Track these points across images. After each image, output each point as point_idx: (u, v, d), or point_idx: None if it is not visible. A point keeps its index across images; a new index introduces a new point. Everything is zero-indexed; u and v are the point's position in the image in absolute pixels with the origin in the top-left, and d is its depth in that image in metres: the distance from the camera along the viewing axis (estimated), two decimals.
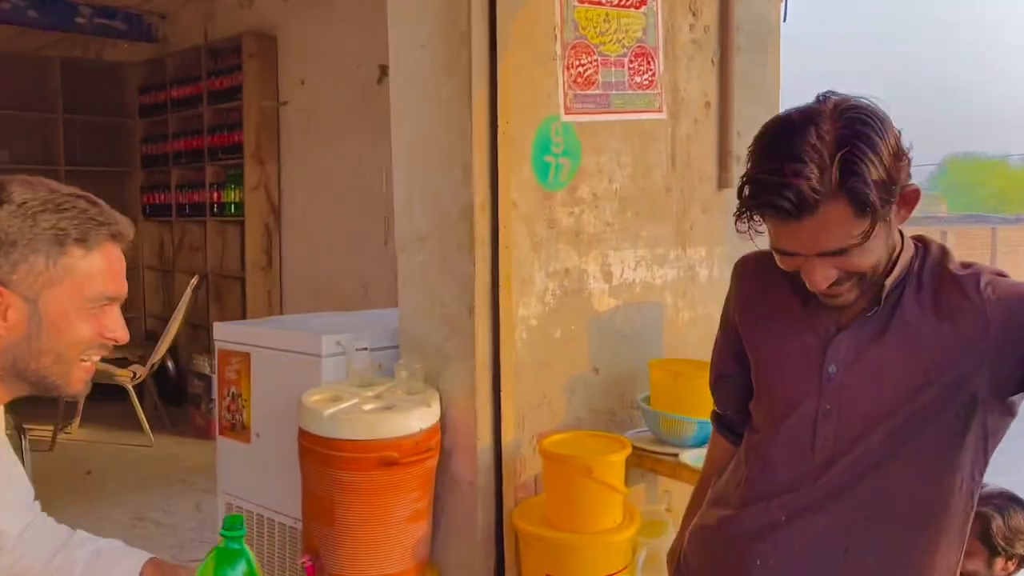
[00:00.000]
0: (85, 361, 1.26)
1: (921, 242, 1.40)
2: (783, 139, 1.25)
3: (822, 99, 1.28)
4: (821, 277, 1.28)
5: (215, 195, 6.68)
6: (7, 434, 1.38)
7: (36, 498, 1.48)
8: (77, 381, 1.27)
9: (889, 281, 1.34)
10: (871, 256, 1.27)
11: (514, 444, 2.88)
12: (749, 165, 1.31)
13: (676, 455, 2.78)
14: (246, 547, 1.33)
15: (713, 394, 1.76)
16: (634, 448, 2.79)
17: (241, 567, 1.30)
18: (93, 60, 7.76)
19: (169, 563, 1.48)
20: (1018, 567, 2.26)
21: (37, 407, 6.36)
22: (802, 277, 1.32)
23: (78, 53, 7.76)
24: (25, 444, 4.40)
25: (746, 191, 1.29)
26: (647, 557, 2.85)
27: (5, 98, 7.07)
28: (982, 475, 1.38)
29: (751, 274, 1.57)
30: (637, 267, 3.25)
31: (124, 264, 1.29)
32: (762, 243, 1.42)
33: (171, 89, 7.02)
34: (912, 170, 1.29)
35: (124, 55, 7.59)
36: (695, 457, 2.64)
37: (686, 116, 3.41)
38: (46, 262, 1.17)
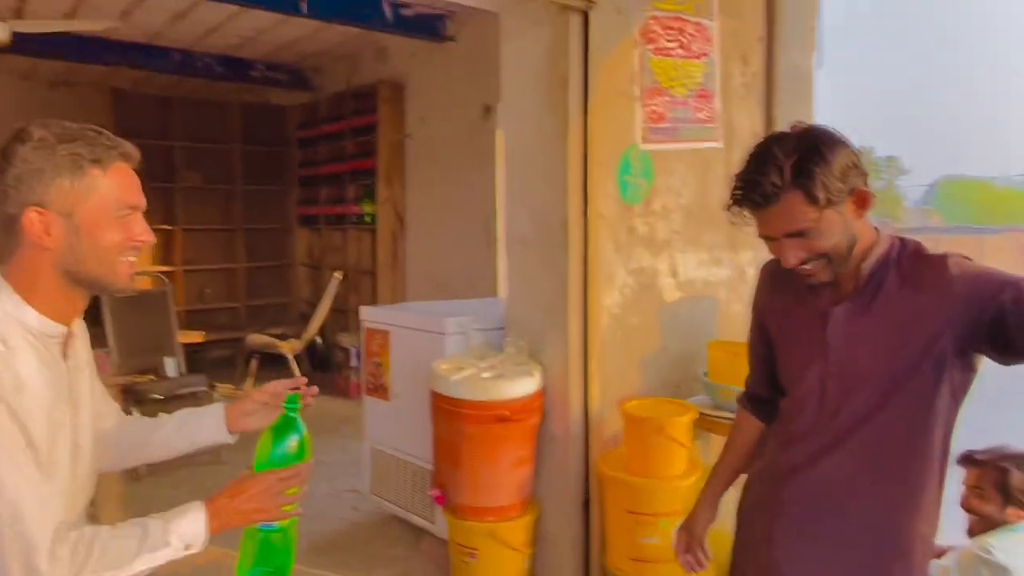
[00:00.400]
0: (124, 260, 1.19)
1: (899, 238, 1.42)
2: (757, 154, 1.36)
3: (793, 126, 1.38)
4: (791, 255, 1.34)
5: (354, 208, 6.74)
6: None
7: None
8: (123, 276, 1.20)
9: (865, 265, 1.37)
10: (828, 239, 1.32)
11: (599, 407, 2.87)
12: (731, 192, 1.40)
13: (730, 418, 2.74)
14: (301, 421, 1.31)
15: (751, 371, 1.70)
16: (698, 413, 2.75)
17: (295, 436, 1.29)
18: (263, 103, 7.91)
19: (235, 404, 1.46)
20: None
21: (221, 371, 6.62)
22: (779, 257, 1.37)
23: (251, 98, 7.93)
24: (217, 397, 4.54)
25: (733, 195, 1.38)
26: None
27: (198, 133, 7.30)
28: (954, 422, 1.38)
29: (772, 274, 1.57)
30: (698, 267, 3.20)
31: (137, 179, 1.22)
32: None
33: (322, 126, 7.10)
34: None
35: (286, 99, 7.73)
36: None
37: (738, 145, 3.34)
38: (71, 183, 1.13)
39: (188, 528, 1.17)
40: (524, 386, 2.75)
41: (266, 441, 1.29)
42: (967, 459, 2.23)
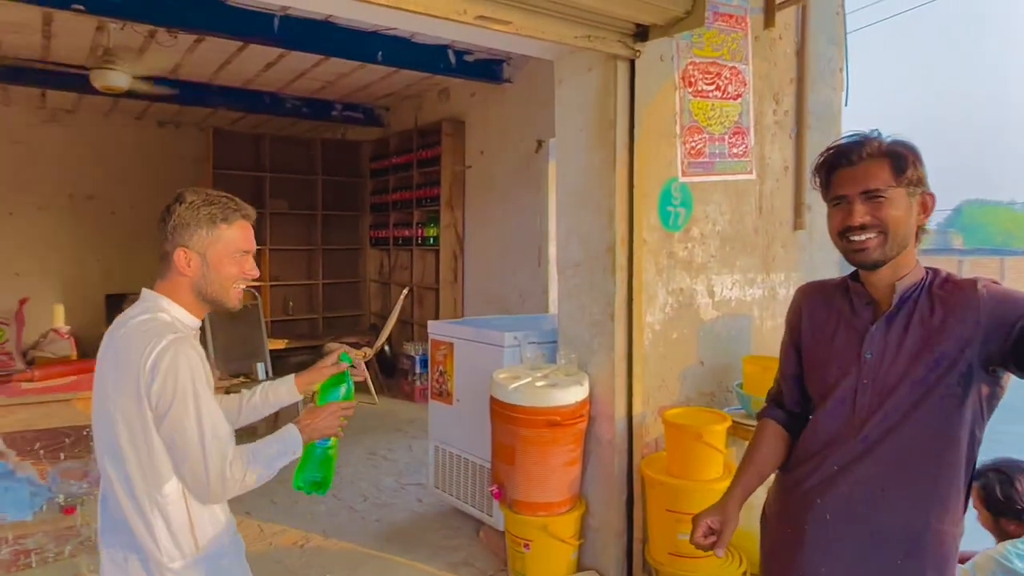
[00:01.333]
0: (236, 288, 1.54)
1: (933, 269, 1.42)
2: (852, 135, 1.41)
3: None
4: (859, 213, 1.34)
5: (419, 231, 6.82)
6: None
7: None
8: (234, 299, 1.54)
9: (900, 285, 1.36)
10: (894, 211, 1.33)
11: (641, 415, 2.88)
12: (821, 159, 1.44)
13: None
14: (349, 375, 1.71)
15: (785, 389, 1.61)
16: (732, 421, 2.73)
17: (344, 384, 1.69)
18: (340, 139, 8.07)
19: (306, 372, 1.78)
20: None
21: None
22: (845, 223, 1.36)
23: (330, 135, 8.11)
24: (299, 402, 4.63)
25: (827, 163, 1.41)
26: None
27: (284, 165, 7.49)
28: (982, 432, 1.35)
29: (812, 294, 1.56)
30: (733, 288, 3.18)
31: (252, 232, 1.57)
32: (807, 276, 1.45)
33: (392, 158, 7.20)
34: (935, 212, 1.42)
35: (361, 135, 7.87)
36: None
37: (770, 177, 3.33)
38: (207, 233, 1.49)
39: (292, 439, 1.54)
40: (574, 394, 2.76)
41: (325, 387, 1.69)
42: None
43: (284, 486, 4.26)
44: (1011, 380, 1.34)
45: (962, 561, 2.06)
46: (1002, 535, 2.02)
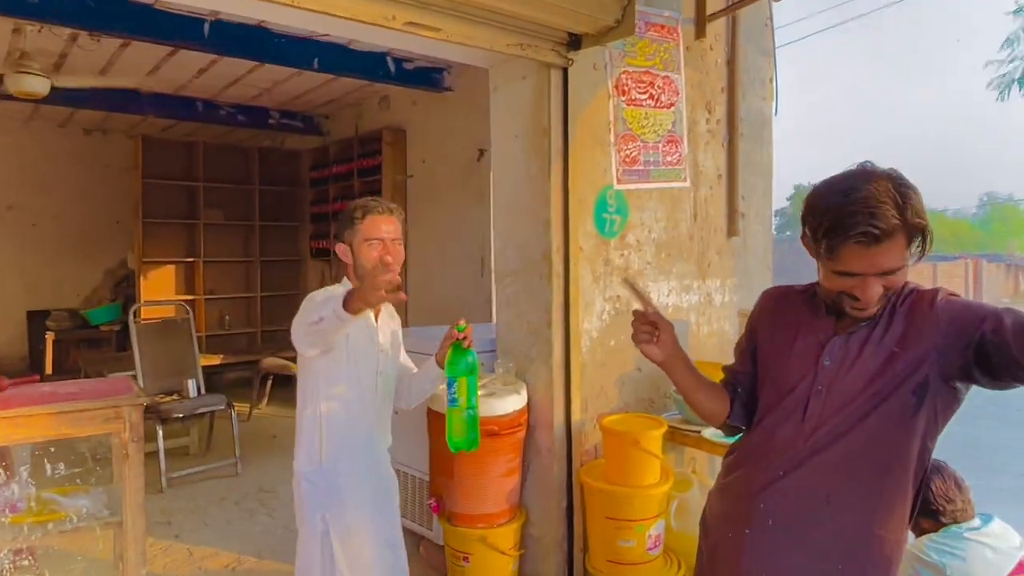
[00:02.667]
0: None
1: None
2: (858, 188, 1.24)
3: (865, 164, 1.30)
4: (874, 292, 1.27)
5: None
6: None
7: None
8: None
9: None
10: (903, 276, 1.28)
11: (580, 422, 2.88)
12: (819, 213, 1.28)
13: (699, 432, 2.75)
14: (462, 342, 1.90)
15: (739, 386, 1.58)
16: (669, 427, 2.77)
17: (467, 354, 1.89)
18: (278, 148, 7.89)
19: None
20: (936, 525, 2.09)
21: (239, 391, 6.57)
22: (854, 293, 1.28)
23: (268, 143, 7.93)
24: (233, 416, 4.49)
25: (831, 228, 1.25)
26: (678, 506, 2.82)
27: (220, 175, 7.29)
28: (933, 442, 1.35)
29: (775, 299, 1.55)
30: (670, 294, 3.23)
31: (385, 221, 1.93)
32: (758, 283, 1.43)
33: (332, 167, 7.07)
34: None
35: (300, 144, 7.72)
36: (713, 433, 2.61)
37: (704, 184, 3.40)
38: (349, 228, 1.93)
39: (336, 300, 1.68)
40: (512, 403, 2.76)
41: (452, 357, 1.91)
42: None
43: (216, 506, 4.16)
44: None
45: None
46: (919, 531, 2.09)
